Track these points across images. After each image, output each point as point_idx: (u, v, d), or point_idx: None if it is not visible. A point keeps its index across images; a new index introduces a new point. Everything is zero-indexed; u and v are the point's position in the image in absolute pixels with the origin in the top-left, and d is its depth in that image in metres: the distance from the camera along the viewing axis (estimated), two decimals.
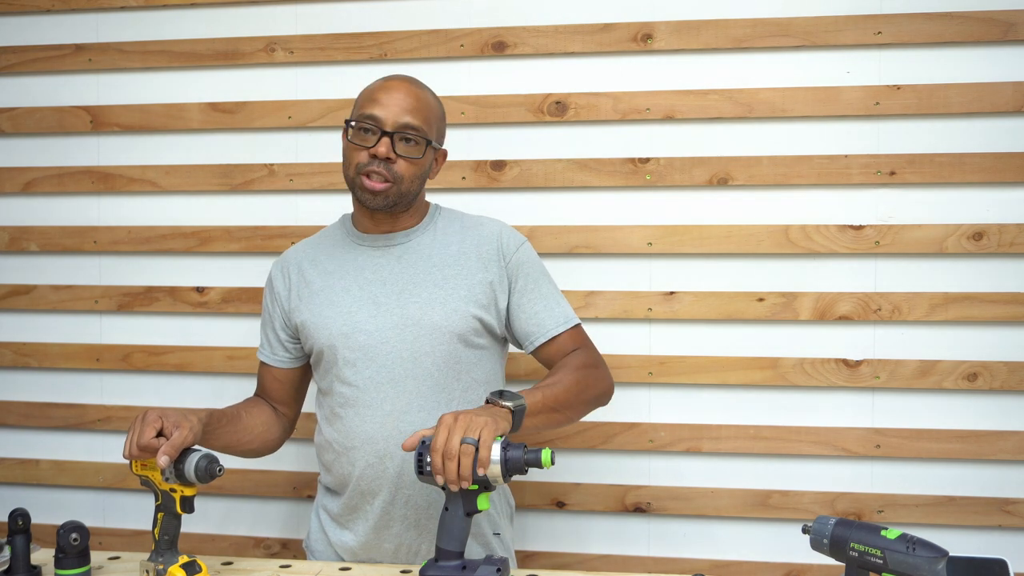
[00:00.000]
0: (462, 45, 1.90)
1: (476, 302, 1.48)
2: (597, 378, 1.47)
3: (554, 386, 1.38)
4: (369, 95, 1.47)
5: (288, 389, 1.60)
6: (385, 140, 1.42)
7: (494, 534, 1.54)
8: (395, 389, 1.45)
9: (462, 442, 1.18)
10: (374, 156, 1.42)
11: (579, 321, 1.54)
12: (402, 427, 1.45)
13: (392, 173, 1.43)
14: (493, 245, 1.51)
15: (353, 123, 1.46)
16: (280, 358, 1.58)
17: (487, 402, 1.31)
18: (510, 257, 1.51)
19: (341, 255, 1.54)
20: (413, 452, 1.26)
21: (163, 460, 1.21)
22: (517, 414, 1.29)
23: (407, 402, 1.45)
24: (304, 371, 1.61)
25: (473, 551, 1.49)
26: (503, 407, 1.28)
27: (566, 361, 1.47)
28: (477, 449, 1.19)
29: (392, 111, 1.43)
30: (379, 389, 1.46)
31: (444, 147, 1.55)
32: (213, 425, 1.39)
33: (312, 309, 1.50)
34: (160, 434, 1.25)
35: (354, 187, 1.47)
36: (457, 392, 1.48)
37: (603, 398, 1.49)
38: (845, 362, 1.81)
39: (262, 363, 1.60)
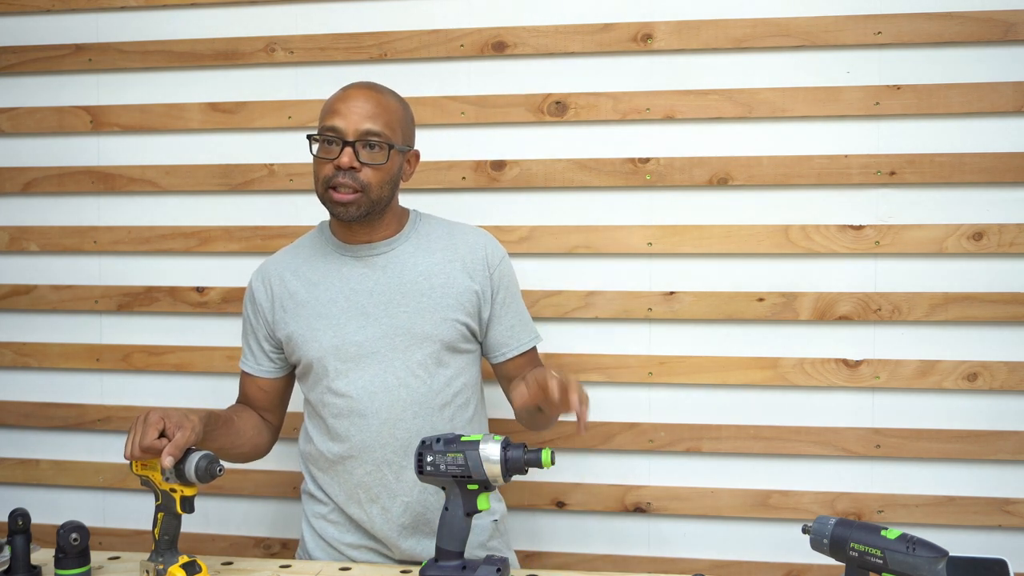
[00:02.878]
0: (462, 45, 1.90)
1: (463, 309, 1.49)
2: None
3: None
4: (330, 106, 1.46)
5: (273, 398, 1.60)
6: (348, 150, 1.41)
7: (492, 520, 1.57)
8: (389, 397, 1.46)
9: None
10: (339, 168, 1.42)
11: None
12: (398, 434, 1.46)
13: (359, 182, 1.42)
14: (479, 255, 1.53)
15: (317, 136, 1.45)
16: (265, 368, 1.57)
17: None
18: (495, 268, 1.54)
19: (324, 265, 1.52)
20: (413, 456, 1.26)
21: (168, 461, 1.21)
22: None
23: (402, 409, 1.46)
24: (288, 379, 1.61)
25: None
26: None
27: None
28: None
29: (352, 119, 1.42)
30: (373, 398, 1.46)
31: (415, 148, 1.55)
32: (211, 426, 1.39)
33: (300, 321, 1.50)
34: (162, 435, 1.25)
35: (325, 202, 1.46)
36: (449, 396, 1.49)
37: None
38: (845, 362, 1.81)
39: (245, 373, 1.59)
